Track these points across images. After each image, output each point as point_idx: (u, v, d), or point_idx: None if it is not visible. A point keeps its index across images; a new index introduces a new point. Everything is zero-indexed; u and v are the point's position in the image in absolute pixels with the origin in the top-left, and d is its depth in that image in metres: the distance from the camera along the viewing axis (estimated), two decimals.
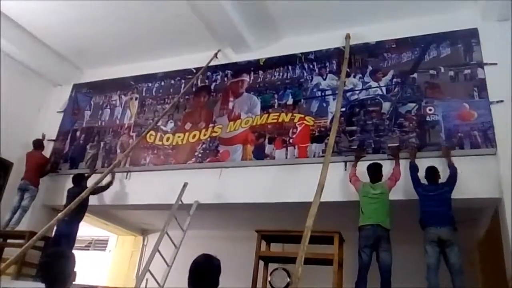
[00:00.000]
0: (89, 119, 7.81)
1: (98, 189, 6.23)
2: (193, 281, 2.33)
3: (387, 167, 5.23)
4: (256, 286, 5.16)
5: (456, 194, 4.76)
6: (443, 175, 4.96)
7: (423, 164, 5.08)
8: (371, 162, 5.26)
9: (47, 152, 7.50)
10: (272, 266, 5.65)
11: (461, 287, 4.41)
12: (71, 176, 6.71)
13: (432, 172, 4.95)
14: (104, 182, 6.19)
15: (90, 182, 6.36)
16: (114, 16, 6.76)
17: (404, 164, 5.20)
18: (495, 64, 5.33)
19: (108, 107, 7.76)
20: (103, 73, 8.07)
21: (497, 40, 5.47)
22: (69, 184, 6.72)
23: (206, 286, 2.35)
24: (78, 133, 7.70)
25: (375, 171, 5.15)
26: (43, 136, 7.52)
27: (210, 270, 2.37)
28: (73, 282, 2.52)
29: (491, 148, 4.98)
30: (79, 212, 6.03)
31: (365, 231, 4.84)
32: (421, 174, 5.02)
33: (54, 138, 7.75)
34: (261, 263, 5.46)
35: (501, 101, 5.11)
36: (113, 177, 6.49)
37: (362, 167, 5.29)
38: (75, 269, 2.52)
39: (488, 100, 5.20)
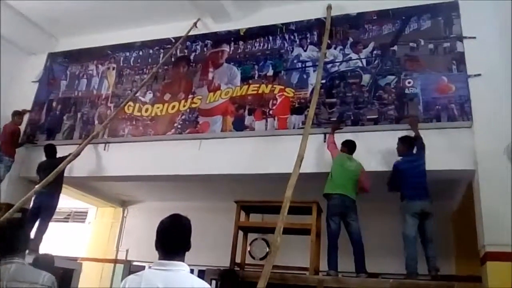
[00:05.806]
0: (66, 89, 7.61)
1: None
2: (161, 242, 2.10)
3: (364, 139, 5.32)
4: (235, 256, 5.22)
5: (431, 166, 4.84)
6: None
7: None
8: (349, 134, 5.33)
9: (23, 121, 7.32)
10: (251, 236, 5.71)
11: (434, 255, 4.58)
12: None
13: (407, 141, 4.98)
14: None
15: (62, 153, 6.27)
16: None
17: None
18: (474, 38, 5.36)
19: (85, 77, 7.56)
20: (79, 41, 7.84)
21: (476, 14, 5.49)
22: None
23: (175, 247, 2.10)
24: (54, 104, 7.52)
25: (352, 148, 5.20)
26: (23, 110, 7.32)
27: (179, 229, 2.14)
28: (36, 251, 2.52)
29: (467, 121, 5.06)
30: (57, 183, 5.97)
31: (334, 200, 4.95)
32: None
33: (29, 108, 7.55)
34: (241, 233, 5.52)
35: (479, 74, 5.16)
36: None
37: (339, 140, 5.31)
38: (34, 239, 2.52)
39: (466, 73, 5.25)
